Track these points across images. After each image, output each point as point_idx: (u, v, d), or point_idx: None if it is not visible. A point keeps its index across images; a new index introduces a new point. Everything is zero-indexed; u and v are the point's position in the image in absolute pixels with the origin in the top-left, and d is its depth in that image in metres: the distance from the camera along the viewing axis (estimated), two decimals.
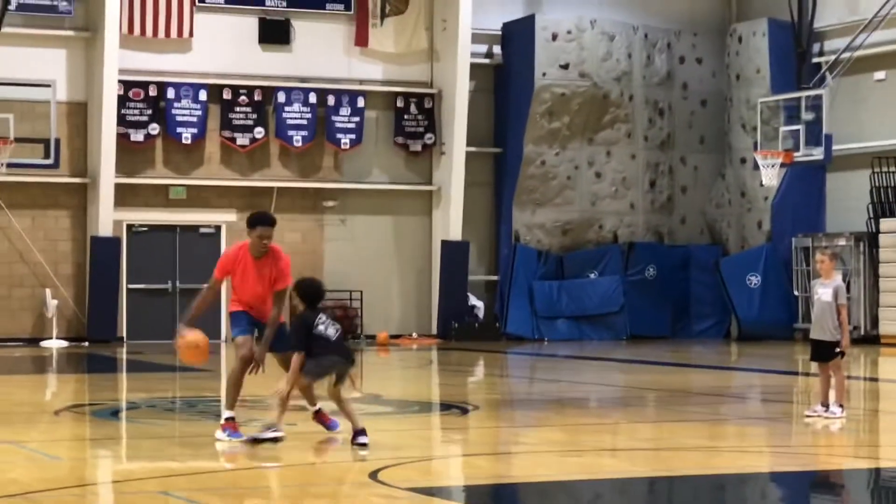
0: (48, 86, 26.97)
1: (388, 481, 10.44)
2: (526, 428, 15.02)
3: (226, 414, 12.80)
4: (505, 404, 18.23)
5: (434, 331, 32.06)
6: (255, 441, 12.29)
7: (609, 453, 12.79)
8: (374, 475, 10.69)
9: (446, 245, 31.83)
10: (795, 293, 31.15)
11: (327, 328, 12.36)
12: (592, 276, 32.54)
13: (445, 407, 17.32)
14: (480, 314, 32.17)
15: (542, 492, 10.54)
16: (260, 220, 13.13)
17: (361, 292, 31.66)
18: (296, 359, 12.26)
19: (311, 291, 12.67)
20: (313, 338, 12.29)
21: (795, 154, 29.27)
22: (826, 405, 14.94)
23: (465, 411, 16.50)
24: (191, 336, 12.83)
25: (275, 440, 12.24)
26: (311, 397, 12.92)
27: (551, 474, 11.38)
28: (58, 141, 27.00)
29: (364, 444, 12.17)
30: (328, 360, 12.31)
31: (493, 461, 12.47)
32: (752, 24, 32.87)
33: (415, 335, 31.99)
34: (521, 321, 32.00)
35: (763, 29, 32.26)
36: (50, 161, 26.85)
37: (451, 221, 31.80)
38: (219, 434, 12.69)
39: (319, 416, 13.00)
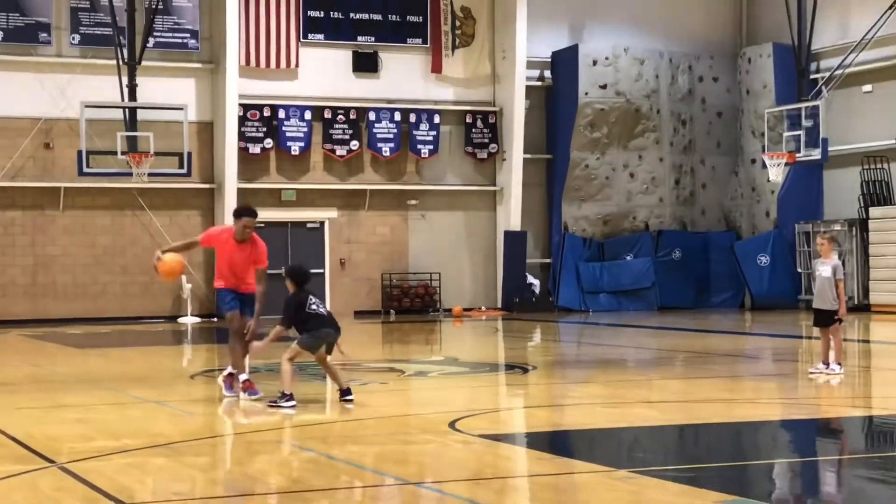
0: (181, 109, 27.10)
1: (464, 430, 10.43)
2: (575, 384, 14.97)
3: (228, 370, 13.04)
4: (558, 365, 18.19)
5: (499, 304, 32.06)
6: (274, 406, 11.97)
7: (645, 405, 12.73)
8: (452, 425, 10.67)
9: (508, 234, 31.82)
10: (799, 270, 30.94)
11: (318, 307, 12.37)
12: (628, 258, 32.47)
13: (510, 367, 17.30)
14: (537, 290, 32.15)
15: (590, 438, 10.50)
16: (246, 213, 13.14)
17: (440, 274, 31.73)
18: (277, 330, 12.32)
19: (299, 275, 12.66)
20: (307, 315, 12.22)
21: (797, 155, 29.08)
22: (826, 363, 14.80)
23: (525, 371, 16.47)
24: (168, 258, 13.05)
25: (290, 407, 11.89)
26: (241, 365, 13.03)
27: (597, 423, 11.33)
28: (189, 154, 27.15)
29: (350, 401, 12.12)
30: (322, 332, 12.16)
31: (550, 412, 12.44)
32: (759, 48, 32.67)
33: (483, 308, 32.02)
34: (570, 296, 31.98)
35: (768, 51, 32.07)
36: (183, 171, 26.99)
37: (511, 215, 31.80)
38: (225, 390, 12.93)
39: (246, 384, 12.86)
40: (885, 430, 11.13)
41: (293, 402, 11.88)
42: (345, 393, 12.20)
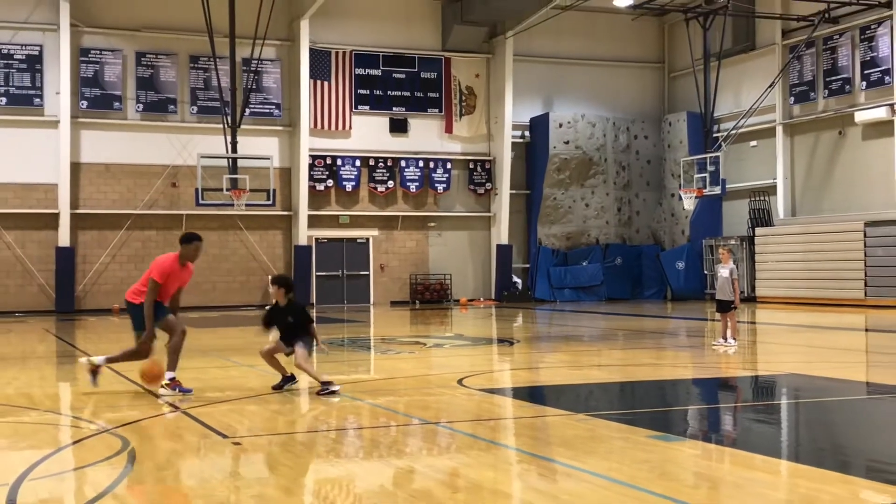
0: (268, 158, 27.20)
1: (468, 385, 10.40)
2: (547, 353, 14.94)
3: (172, 374, 9.98)
4: (534, 339, 18.15)
5: (493, 296, 32.04)
6: (329, 394, 9.68)
7: (595, 368, 12.69)
8: (460, 381, 10.64)
9: (499, 247, 31.82)
10: (705, 272, 30.88)
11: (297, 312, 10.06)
12: (584, 263, 32.42)
13: (500, 341, 17.28)
14: (519, 286, 32.13)
15: (558, 391, 10.47)
16: (197, 238, 10.26)
17: (451, 274, 31.72)
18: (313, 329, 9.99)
19: (290, 283, 10.15)
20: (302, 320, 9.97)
21: (704, 190, 29.09)
22: (725, 338, 14.78)
23: (511, 343, 16.46)
24: (144, 369, 9.89)
25: (335, 392, 9.71)
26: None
27: (562, 380, 11.31)
28: (274, 190, 27.24)
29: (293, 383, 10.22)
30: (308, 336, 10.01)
31: (529, 373, 12.40)
32: (677, 115, 32.67)
33: (482, 299, 32.00)
34: (543, 290, 31.93)
35: (683, 117, 32.07)
36: (270, 202, 27.07)
37: (501, 233, 31.80)
38: (165, 392, 9.83)
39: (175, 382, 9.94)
40: (766, 386, 11.09)
41: (336, 387, 9.77)
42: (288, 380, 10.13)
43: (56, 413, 9.11)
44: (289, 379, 10.25)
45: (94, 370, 10.13)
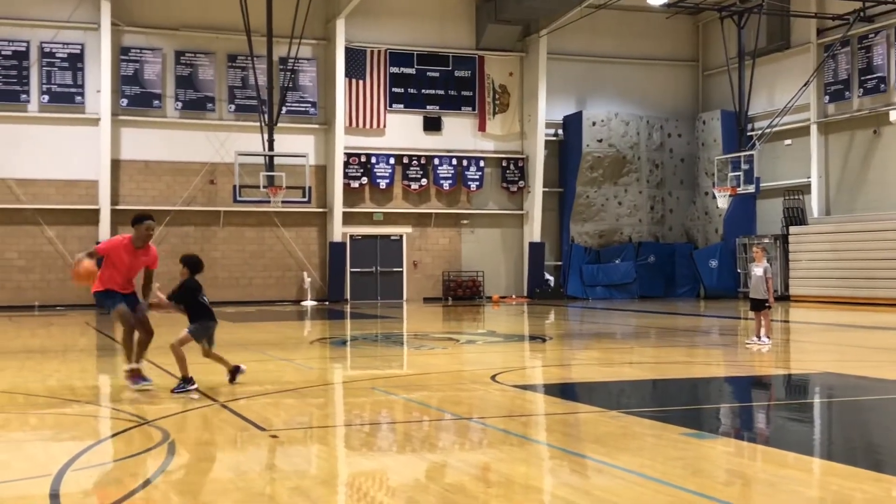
0: (304, 156, 27.34)
1: (501, 381, 10.41)
2: (579, 350, 14.90)
3: (127, 367, 9.95)
4: (566, 336, 18.09)
5: (525, 293, 31.99)
6: (183, 392, 9.53)
7: (628, 365, 12.65)
8: (493, 377, 10.65)
9: (532, 244, 31.76)
10: (739, 271, 30.68)
11: (205, 300, 9.88)
12: (617, 261, 32.30)
13: (533, 337, 17.25)
14: (552, 284, 32.06)
15: (589, 388, 10.45)
16: (147, 217, 9.98)
17: (483, 272, 31.71)
18: (168, 304, 9.72)
19: (193, 263, 9.89)
20: (199, 304, 9.75)
21: (738, 189, 28.89)
22: (759, 336, 14.67)
23: (544, 340, 16.43)
24: (86, 264, 9.63)
25: (194, 390, 9.57)
26: (138, 354, 9.87)
27: (594, 377, 11.28)
28: (310, 188, 27.37)
29: (241, 373, 10.14)
30: (209, 324, 9.89)
31: (561, 369, 12.38)
32: (711, 113, 32.44)
33: (514, 296, 31.96)
34: (576, 287, 31.85)
35: (718, 116, 31.85)
36: (305, 199, 27.22)
37: (534, 231, 31.74)
38: (130, 384, 9.84)
39: (134, 374, 9.93)
40: (799, 384, 11.00)
41: (194, 385, 9.64)
42: (234, 371, 10.14)
43: (97, 405, 9.24)
44: (235, 370, 10.14)
45: (135, 373, 10.00)
